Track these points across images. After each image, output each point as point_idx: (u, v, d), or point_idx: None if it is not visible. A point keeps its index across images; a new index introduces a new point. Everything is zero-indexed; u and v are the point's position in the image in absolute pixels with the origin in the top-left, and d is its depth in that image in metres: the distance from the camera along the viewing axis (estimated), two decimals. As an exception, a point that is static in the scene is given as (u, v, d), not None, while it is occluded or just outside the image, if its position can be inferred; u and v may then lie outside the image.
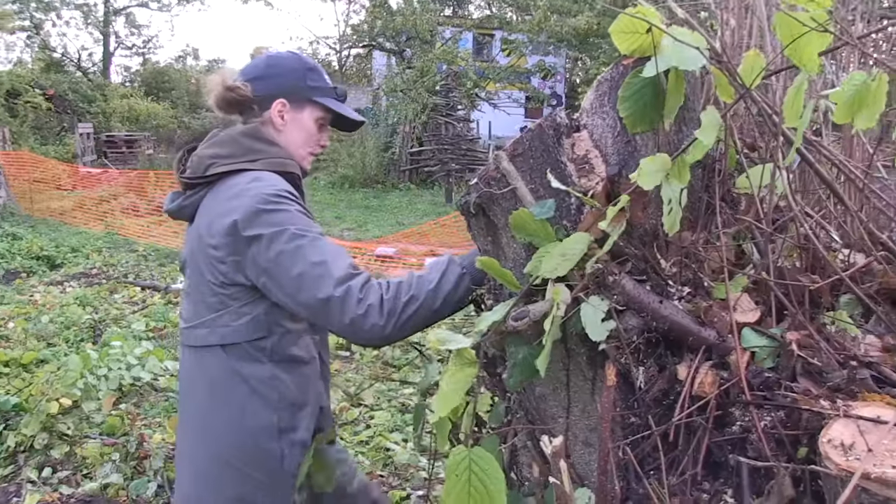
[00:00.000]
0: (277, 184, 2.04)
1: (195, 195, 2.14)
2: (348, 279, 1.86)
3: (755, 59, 1.44)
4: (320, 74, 2.28)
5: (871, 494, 1.20)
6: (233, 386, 2.08)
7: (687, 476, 1.40)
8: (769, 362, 1.49)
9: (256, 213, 1.94)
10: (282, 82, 2.21)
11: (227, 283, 2.03)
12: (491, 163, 1.63)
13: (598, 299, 1.48)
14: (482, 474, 1.42)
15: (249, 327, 2.06)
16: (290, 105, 2.20)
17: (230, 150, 2.11)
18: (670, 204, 1.44)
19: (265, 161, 2.11)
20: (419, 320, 1.88)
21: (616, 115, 1.59)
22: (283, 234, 1.92)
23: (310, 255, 1.90)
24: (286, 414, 2.11)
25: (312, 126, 2.25)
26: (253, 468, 2.10)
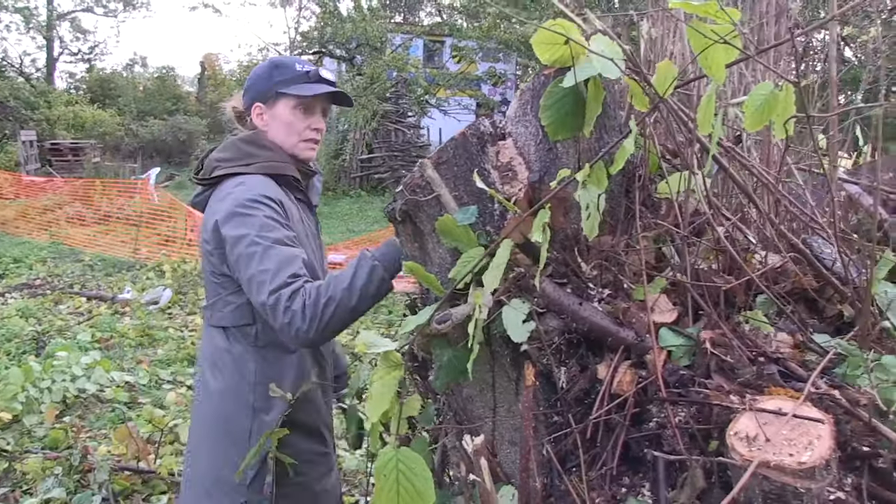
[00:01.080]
0: (259, 189, 2.22)
1: (204, 193, 2.40)
2: (281, 288, 2.00)
3: (668, 69, 1.50)
4: (287, 67, 2.42)
5: (771, 481, 1.26)
6: (224, 363, 2.34)
7: (604, 471, 1.45)
8: (685, 360, 1.55)
9: (231, 216, 2.16)
10: (255, 89, 2.43)
11: (216, 272, 2.30)
12: (416, 171, 1.67)
13: (519, 302, 1.52)
14: (410, 473, 1.45)
15: (236, 314, 2.31)
16: (264, 106, 2.41)
17: (230, 154, 2.35)
18: (588, 209, 1.49)
19: (259, 165, 2.31)
20: (339, 319, 1.99)
21: (538, 123, 1.64)
22: (245, 238, 2.11)
23: (259, 261, 2.06)
24: (262, 395, 2.28)
25: (290, 116, 2.39)
26: (228, 443, 2.32)
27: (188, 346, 7.79)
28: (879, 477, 1.32)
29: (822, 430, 1.29)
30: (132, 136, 29.80)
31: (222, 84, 38.11)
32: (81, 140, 27.00)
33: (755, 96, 1.55)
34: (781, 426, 1.30)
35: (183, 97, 38.48)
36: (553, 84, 1.60)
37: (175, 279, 10.71)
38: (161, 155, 29.88)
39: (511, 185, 1.66)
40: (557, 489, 1.52)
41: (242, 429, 2.31)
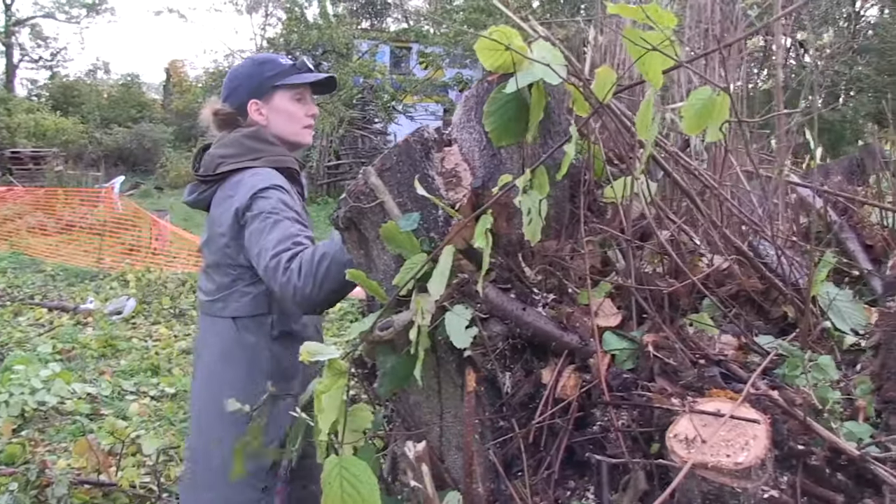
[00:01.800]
0: (272, 178, 2.35)
1: (208, 190, 2.48)
2: (282, 252, 2.11)
3: (607, 75, 1.51)
4: (274, 62, 2.56)
5: (709, 482, 1.28)
6: (238, 353, 2.41)
7: (544, 475, 1.45)
8: (629, 364, 1.56)
9: (251, 200, 2.28)
10: (245, 88, 2.52)
11: (233, 264, 2.39)
12: (360, 178, 1.66)
13: (462, 308, 1.52)
14: (354, 480, 1.45)
15: (252, 304, 2.40)
16: (261, 101, 2.51)
17: (236, 150, 2.44)
18: (530, 214, 1.49)
19: (266, 159, 2.43)
20: (334, 276, 2.00)
21: (482, 129, 1.64)
22: (259, 216, 2.24)
23: (268, 233, 2.19)
24: (279, 382, 2.30)
25: (289, 106, 2.54)
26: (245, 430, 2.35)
27: (152, 356, 7.70)
28: (813, 474, 1.34)
29: (758, 431, 1.31)
30: (96, 144, 29.36)
31: (188, 91, 37.74)
32: (43, 148, 26.50)
33: (693, 101, 1.57)
34: (720, 427, 1.32)
35: (148, 104, 38.04)
36: (496, 90, 1.61)
37: (139, 289, 10.59)
38: (126, 163, 29.51)
39: (455, 192, 1.66)
40: (503, 494, 1.52)
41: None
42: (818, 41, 8.59)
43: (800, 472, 1.34)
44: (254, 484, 2.37)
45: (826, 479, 1.33)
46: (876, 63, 18.35)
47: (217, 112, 2.56)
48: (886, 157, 3.17)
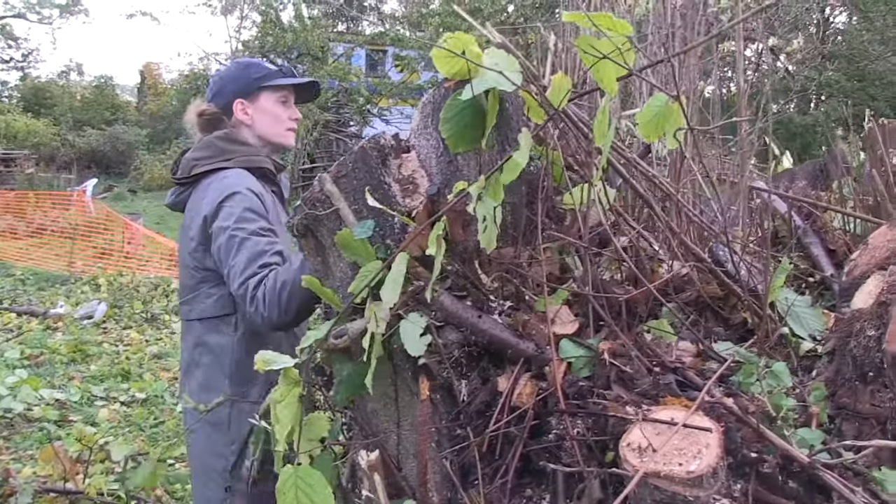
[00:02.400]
0: (240, 181, 2.40)
1: (185, 192, 2.55)
2: (249, 278, 2.18)
3: (562, 82, 1.51)
4: (259, 65, 2.67)
5: (662, 491, 1.27)
6: (201, 353, 2.50)
7: (499, 484, 1.44)
8: (585, 371, 1.55)
9: (218, 209, 2.33)
10: (232, 88, 2.60)
11: (199, 267, 2.44)
12: (316, 185, 1.65)
13: (416, 315, 1.51)
14: (308, 489, 1.43)
15: (217, 305, 2.45)
16: (247, 101, 2.59)
17: (209, 152, 2.50)
18: (485, 221, 1.48)
19: (238, 159, 2.49)
20: (298, 298, 2.06)
21: (438, 135, 1.63)
22: (225, 231, 2.28)
23: (235, 253, 2.24)
24: (237, 383, 2.43)
25: (274, 107, 2.62)
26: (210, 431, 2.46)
27: (122, 360, 7.63)
28: (766, 482, 1.34)
29: (710, 439, 1.30)
30: (68, 147, 29.02)
31: (163, 94, 37.43)
32: (14, 151, 26.14)
33: (649, 108, 1.57)
34: (673, 436, 1.31)
35: (122, 107, 37.63)
36: (452, 97, 1.60)
37: (111, 293, 10.49)
38: (99, 166, 29.20)
39: (412, 199, 1.65)
40: (459, 503, 1.51)
41: (221, 417, 2.42)
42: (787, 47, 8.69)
43: (752, 479, 1.34)
44: (219, 483, 2.46)
45: (779, 486, 1.33)
46: (845, 69, 18.57)
47: (202, 113, 2.62)
48: (848, 163, 3.19)
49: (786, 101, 18.20)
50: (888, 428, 1.45)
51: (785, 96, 17.11)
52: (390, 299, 1.43)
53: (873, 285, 1.62)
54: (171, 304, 10.18)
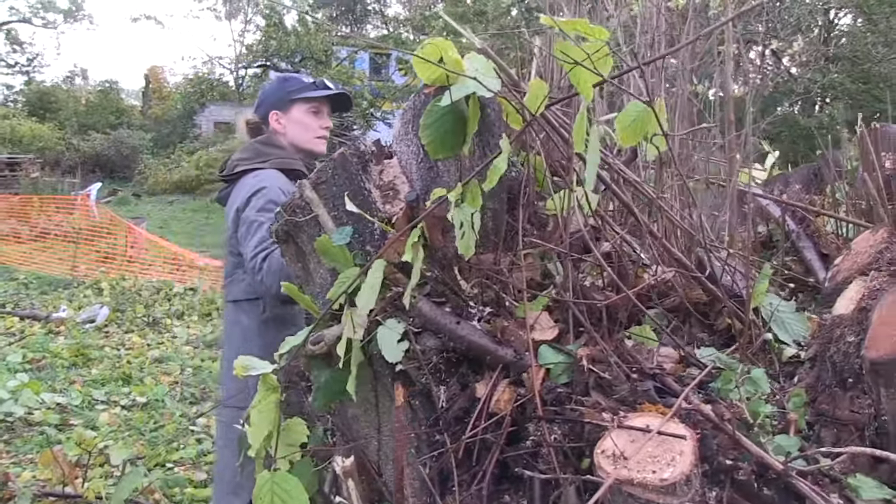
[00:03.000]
0: (271, 180, 2.70)
1: (228, 188, 2.86)
2: (259, 253, 2.49)
3: (539, 87, 1.51)
4: (296, 79, 2.98)
5: (635, 498, 1.27)
6: (235, 332, 2.79)
7: (475, 490, 1.44)
8: (564, 378, 1.55)
9: (247, 201, 2.64)
10: (269, 101, 2.95)
11: (234, 252, 2.76)
12: (296, 191, 1.65)
13: (394, 322, 1.51)
14: (284, 495, 1.44)
15: (247, 289, 2.74)
16: (280, 112, 2.91)
17: (249, 154, 2.84)
18: (462, 228, 1.48)
19: (273, 161, 2.80)
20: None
21: (419, 142, 1.63)
22: (247, 219, 2.60)
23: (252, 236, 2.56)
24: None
25: (304, 117, 2.91)
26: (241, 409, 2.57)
27: (124, 364, 7.63)
28: (742, 489, 1.33)
29: (684, 447, 1.30)
30: (73, 151, 29.06)
31: (167, 97, 37.46)
32: (18, 155, 26.17)
33: (627, 113, 1.57)
34: (648, 443, 1.31)
35: (127, 111, 37.67)
36: (433, 103, 1.59)
37: (113, 297, 10.50)
38: (103, 170, 29.24)
39: (392, 205, 1.65)
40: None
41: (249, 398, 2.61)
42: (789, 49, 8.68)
43: (728, 487, 1.33)
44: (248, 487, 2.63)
45: (755, 493, 1.33)
46: (849, 70, 18.52)
47: (248, 121, 3.01)
48: (842, 167, 3.18)
49: (789, 104, 18.17)
50: (866, 434, 1.45)
51: (788, 98, 17.08)
52: (366, 306, 1.43)
53: (855, 291, 1.62)
54: (173, 307, 10.20)
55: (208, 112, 32.59)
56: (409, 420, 1.59)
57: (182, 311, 10.17)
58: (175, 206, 23.92)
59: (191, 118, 32.42)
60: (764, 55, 16.22)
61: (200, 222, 21.20)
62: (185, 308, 10.27)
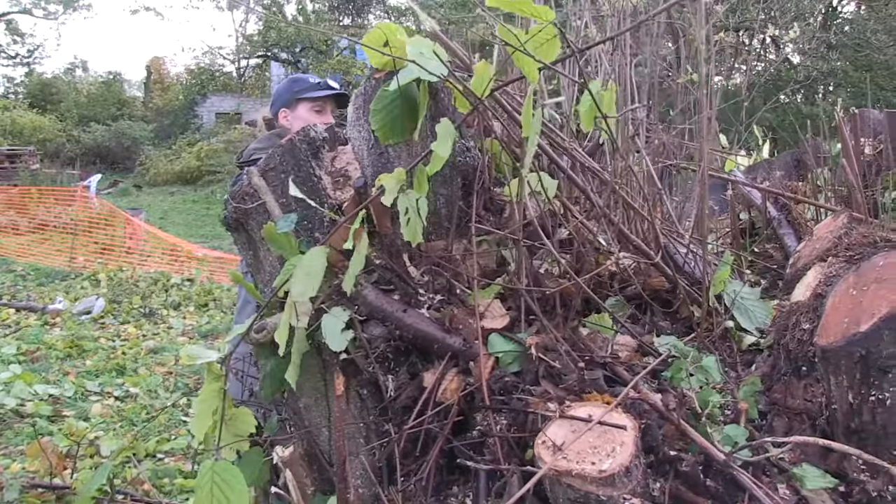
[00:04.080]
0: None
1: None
2: None
3: (484, 71, 1.47)
4: (303, 80, 3.29)
5: (575, 490, 1.24)
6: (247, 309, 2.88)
7: (420, 481, 1.42)
8: (515, 367, 1.52)
9: None
10: (279, 100, 3.27)
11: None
12: (245, 178, 1.62)
13: (339, 310, 1.48)
14: (224, 486, 1.41)
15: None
16: (288, 110, 3.22)
17: (265, 144, 3.04)
18: (408, 214, 1.45)
19: None
20: None
21: (370, 127, 1.60)
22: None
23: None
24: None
25: (308, 115, 3.15)
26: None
27: (118, 355, 7.62)
28: (687, 480, 1.30)
29: (625, 437, 1.27)
30: (74, 143, 28.97)
31: (169, 89, 37.35)
32: (18, 147, 26.08)
33: (588, 97, 1.54)
34: (584, 433, 1.28)
35: (128, 102, 37.53)
36: (382, 88, 1.57)
37: (110, 288, 10.49)
38: (105, 161, 29.16)
39: (343, 191, 1.63)
40: (383, 499, 1.48)
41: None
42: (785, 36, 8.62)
43: (671, 477, 1.31)
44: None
45: (700, 484, 1.30)
46: (852, 58, 18.37)
47: (265, 118, 3.34)
48: (825, 153, 3.15)
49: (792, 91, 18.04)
50: (818, 423, 1.42)
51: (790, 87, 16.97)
52: (301, 293, 1.40)
53: (812, 277, 1.59)
54: (170, 298, 10.19)
55: (209, 103, 32.53)
56: (359, 409, 1.57)
57: (179, 301, 10.17)
58: (176, 197, 23.86)
59: (192, 109, 32.36)
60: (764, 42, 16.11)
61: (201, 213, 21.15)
62: (181, 299, 10.26)
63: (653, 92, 2.21)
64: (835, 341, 1.33)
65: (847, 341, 1.31)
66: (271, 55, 25.89)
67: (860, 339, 1.30)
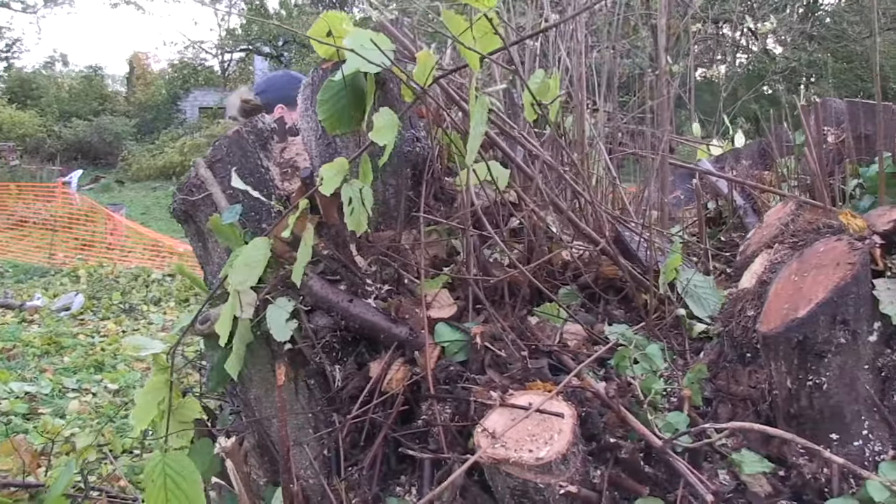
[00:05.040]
0: None
1: None
2: None
3: (427, 59, 1.47)
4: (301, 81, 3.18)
5: (513, 478, 1.24)
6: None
7: (364, 471, 1.42)
8: (461, 356, 1.52)
9: None
10: (279, 94, 3.09)
11: None
12: (192, 170, 1.61)
13: (285, 300, 1.48)
14: (177, 477, 1.41)
15: None
16: (287, 108, 2.98)
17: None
18: (352, 204, 1.45)
19: None
20: None
21: (318, 118, 1.59)
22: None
23: None
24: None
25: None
26: None
27: (97, 352, 7.58)
28: (627, 467, 1.31)
29: (563, 425, 1.27)
30: (55, 138, 28.71)
31: (152, 83, 37.08)
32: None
33: (532, 84, 1.54)
34: (521, 421, 1.28)
35: (110, 97, 37.19)
36: (328, 78, 1.56)
37: (90, 284, 10.43)
38: (86, 157, 28.91)
39: (291, 182, 1.62)
40: (332, 489, 1.48)
41: None
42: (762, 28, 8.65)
43: (612, 465, 1.31)
44: None
45: (639, 471, 1.31)
46: (832, 49, 18.47)
47: (246, 101, 2.96)
48: (790, 142, 3.16)
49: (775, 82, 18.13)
50: (761, 410, 1.43)
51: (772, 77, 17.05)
52: (241, 282, 1.40)
53: (759, 264, 1.60)
54: (151, 294, 10.14)
55: (192, 97, 32.39)
56: (307, 400, 1.57)
57: (159, 297, 10.11)
58: (158, 193, 23.71)
59: (175, 104, 32.21)
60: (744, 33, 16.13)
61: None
62: (162, 294, 10.21)
63: (611, 80, 2.21)
64: (775, 327, 1.34)
65: (786, 327, 1.32)
66: (254, 49, 25.77)
67: (798, 324, 1.31)
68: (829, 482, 1.28)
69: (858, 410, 1.32)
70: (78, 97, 34.58)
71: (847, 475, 1.27)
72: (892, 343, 1.34)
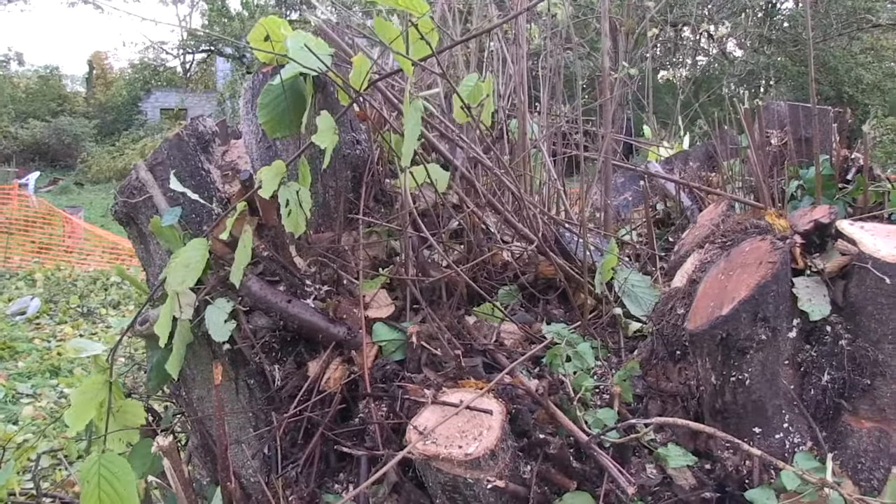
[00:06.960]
0: None
1: None
2: None
3: (362, 63, 1.49)
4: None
5: (444, 473, 1.27)
6: None
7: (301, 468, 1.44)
8: (398, 355, 1.55)
9: None
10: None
11: None
12: (132, 173, 1.62)
13: (223, 301, 1.49)
14: (112, 477, 1.42)
15: None
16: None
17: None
18: (289, 206, 1.46)
19: None
20: None
21: (258, 121, 1.61)
22: None
23: None
24: None
25: None
26: None
27: (53, 356, 7.47)
28: (556, 462, 1.34)
29: (492, 421, 1.31)
30: (11, 139, 28.19)
31: (112, 84, 36.57)
32: (-52, 145, 25.28)
33: (463, 87, 1.57)
34: (460, 418, 1.31)
35: (69, 97, 36.58)
36: (268, 82, 1.57)
37: (47, 288, 10.28)
38: (44, 158, 28.46)
39: (232, 185, 1.63)
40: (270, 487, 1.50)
41: None
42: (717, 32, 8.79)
43: (541, 460, 1.34)
44: None
45: (568, 466, 1.34)
46: (790, 53, 18.79)
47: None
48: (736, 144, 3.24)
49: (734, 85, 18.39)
50: (689, 405, 1.47)
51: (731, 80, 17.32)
52: (178, 283, 1.41)
53: (690, 263, 1.64)
54: (109, 297, 10.02)
55: (154, 98, 32.02)
56: (247, 399, 1.58)
57: (119, 300, 9.98)
58: (119, 195, 23.44)
59: (136, 105, 31.80)
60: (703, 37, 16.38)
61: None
62: (121, 297, 10.08)
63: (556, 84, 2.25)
64: (701, 325, 1.38)
65: (710, 324, 1.36)
66: (216, 50, 25.55)
67: (721, 321, 1.35)
68: (750, 474, 1.32)
69: (779, 405, 1.37)
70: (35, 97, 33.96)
71: (767, 466, 1.31)
72: (810, 339, 1.39)
